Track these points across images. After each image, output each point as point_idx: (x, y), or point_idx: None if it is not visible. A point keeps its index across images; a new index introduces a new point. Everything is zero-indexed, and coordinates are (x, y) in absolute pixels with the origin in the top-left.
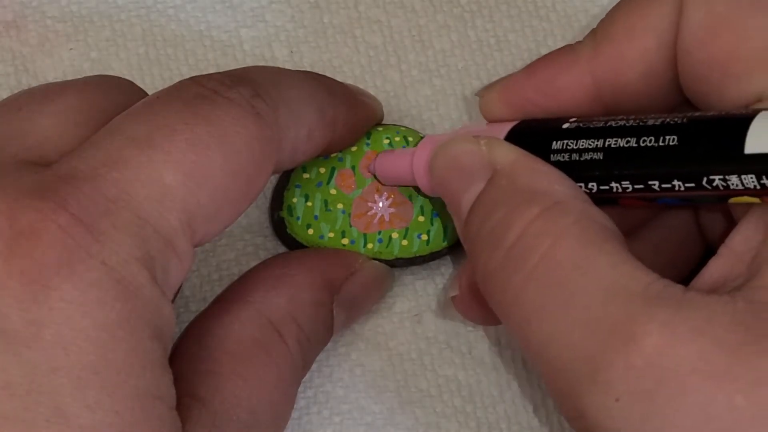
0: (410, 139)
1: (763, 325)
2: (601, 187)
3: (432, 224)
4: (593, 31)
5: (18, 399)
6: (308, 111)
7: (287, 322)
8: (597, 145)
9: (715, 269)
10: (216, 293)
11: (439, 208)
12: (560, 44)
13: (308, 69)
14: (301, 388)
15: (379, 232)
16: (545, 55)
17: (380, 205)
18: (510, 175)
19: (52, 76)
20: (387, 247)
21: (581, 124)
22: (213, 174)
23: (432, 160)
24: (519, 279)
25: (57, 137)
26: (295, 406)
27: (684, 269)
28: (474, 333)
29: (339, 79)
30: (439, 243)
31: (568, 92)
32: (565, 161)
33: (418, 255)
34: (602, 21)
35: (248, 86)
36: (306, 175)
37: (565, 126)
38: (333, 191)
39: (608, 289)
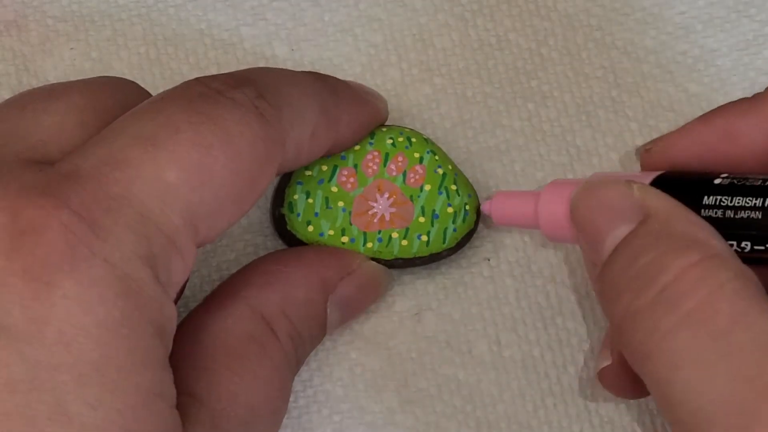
0: (413, 140)
1: None
2: (756, 247)
3: (432, 225)
4: None
5: (20, 396)
6: (312, 111)
7: (279, 318)
8: (756, 203)
9: None
10: None
11: (440, 209)
12: (561, 44)
13: (309, 67)
14: (301, 387)
15: (379, 232)
16: (723, 105)
17: (381, 204)
18: (665, 221)
19: (53, 75)
20: (387, 246)
21: (736, 181)
22: (216, 173)
23: (576, 197)
24: (670, 322)
25: (60, 136)
26: (295, 405)
27: None
28: (474, 332)
29: (339, 77)
30: (439, 245)
31: (748, 137)
32: (718, 218)
33: (417, 256)
34: None
35: (252, 87)
36: (308, 173)
37: (717, 181)
38: (334, 189)
39: None
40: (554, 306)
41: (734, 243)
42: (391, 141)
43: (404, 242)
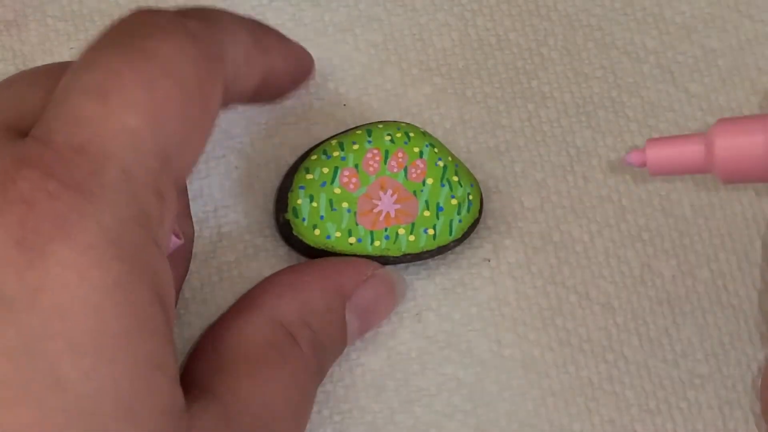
0: (411, 134)
1: None
2: None
3: (438, 218)
4: None
5: (16, 365)
6: (241, 32)
7: (300, 325)
8: None
9: None
10: (217, 295)
11: (444, 202)
12: (561, 44)
13: None
14: None
15: (386, 229)
16: None
17: (385, 201)
18: None
19: None
20: (394, 243)
21: None
22: (169, 103)
23: None
24: None
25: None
26: None
27: None
28: (474, 333)
29: (339, 77)
30: (446, 237)
31: None
32: None
33: (425, 250)
34: None
35: (176, 12)
36: (309, 176)
37: None
38: (337, 190)
39: None
40: (554, 307)
41: None
42: (389, 137)
43: (411, 237)
